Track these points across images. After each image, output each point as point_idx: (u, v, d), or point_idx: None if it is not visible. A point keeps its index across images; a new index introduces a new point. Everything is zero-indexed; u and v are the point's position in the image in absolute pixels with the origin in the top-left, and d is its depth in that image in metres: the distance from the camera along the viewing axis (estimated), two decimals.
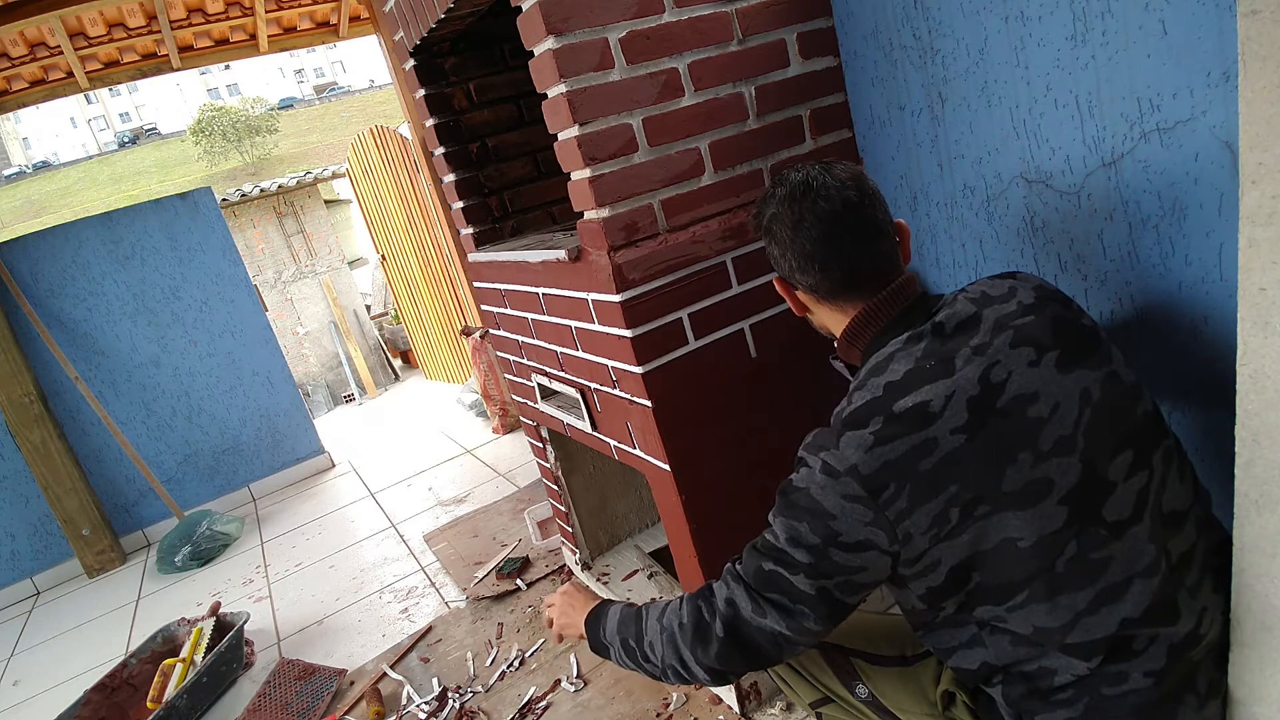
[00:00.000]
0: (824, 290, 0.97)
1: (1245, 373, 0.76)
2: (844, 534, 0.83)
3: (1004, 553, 0.82)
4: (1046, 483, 0.81)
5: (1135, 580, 0.82)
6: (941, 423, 0.82)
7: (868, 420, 0.84)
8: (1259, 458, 0.77)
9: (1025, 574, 0.82)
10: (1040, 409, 0.82)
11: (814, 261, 0.94)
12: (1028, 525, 0.81)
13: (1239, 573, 0.83)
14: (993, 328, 0.86)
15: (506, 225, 2.04)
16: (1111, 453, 0.83)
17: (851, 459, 0.83)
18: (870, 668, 1.06)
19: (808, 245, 0.94)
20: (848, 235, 0.93)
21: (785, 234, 0.95)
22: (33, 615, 3.27)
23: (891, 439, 0.82)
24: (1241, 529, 0.81)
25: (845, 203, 0.92)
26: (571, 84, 1.25)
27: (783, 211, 0.95)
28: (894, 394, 0.85)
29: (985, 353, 0.85)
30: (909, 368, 0.86)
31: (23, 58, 3.59)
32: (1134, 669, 0.82)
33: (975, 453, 0.81)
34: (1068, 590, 0.82)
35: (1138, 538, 0.83)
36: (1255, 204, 0.71)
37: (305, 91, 55.37)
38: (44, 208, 37.95)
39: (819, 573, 0.85)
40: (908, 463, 0.81)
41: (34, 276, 3.47)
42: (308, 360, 7.23)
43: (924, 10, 1.28)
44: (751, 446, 1.51)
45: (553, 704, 1.77)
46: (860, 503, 0.82)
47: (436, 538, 2.83)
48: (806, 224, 0.93)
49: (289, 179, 7.11)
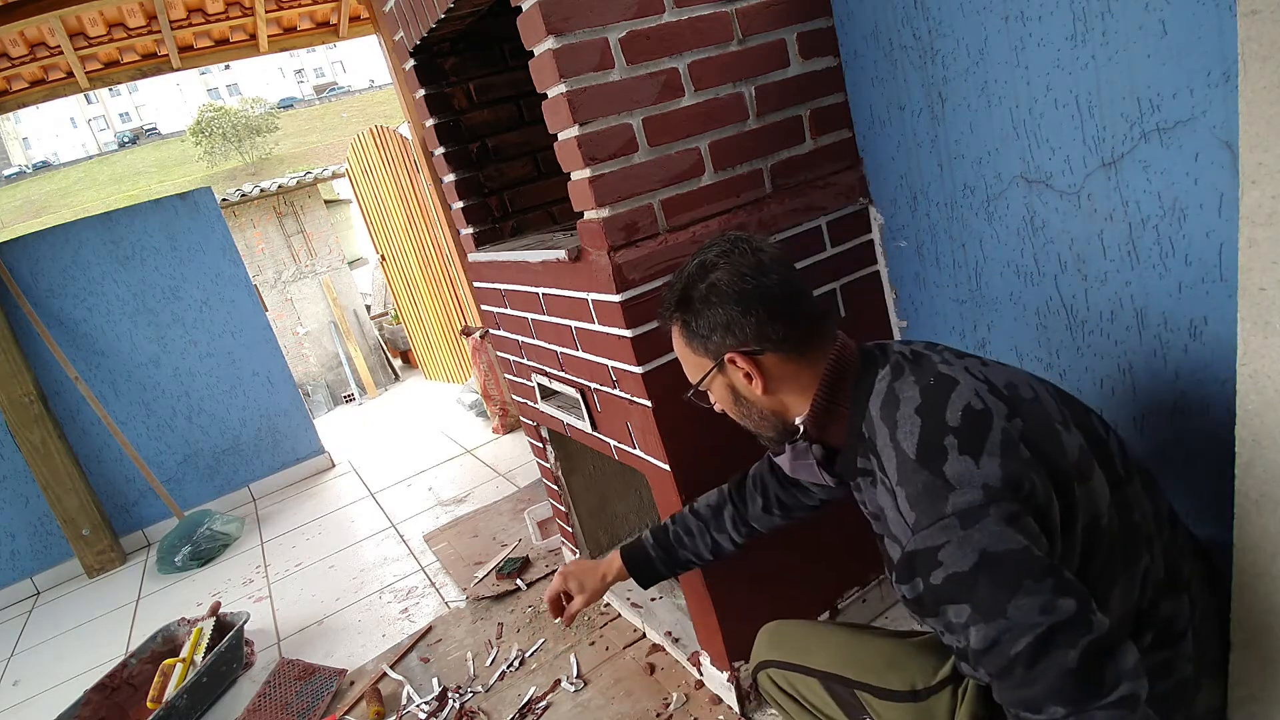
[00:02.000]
0: (796, 338, 0.89)
1: (1245, 373, 0.76)
2: (1040, 550, 0.71)
3: (1096, 535, 0.76)
4: (1086, 452, 0.80)
5: (1154, 540, 0.82)
6: (996, 416, 0.78)
7: (942, 443, 0.76)
8: (1259, 458, 0.77)
9: (1118, 552, 0.78)
10: (1026, 391, 0.84)
11: (786, 305, 0.88)
12: (1095, 496, 0.77)
13: (1239, 572, 0.83)
14: (938, 353, 0.89)
15: (506, 225, 2.04)
16: (1083, 417, 0.85)
17: (976, 481, 0.73)
18: (878, 702, 0.95)
19: (775, 290, 0.88)
20: (798, 281, 0.92)
21: (746, 286, 0.88)
22: (33, 615, 3.27)
23: (980, 445, 0.75)
24: (1241, 529, 0.81)
25: (779, 254, 0.92)
26: (571, 84, 1.25)
27: (733, 270, 0.89)
28: (932, 412, 0.79)
29: (954, 365, 0.85)
30: (919, 389, 0.82)
31: (23, 58, 3.59)
32: (1179, 655, 0.81)
33: (1033, 432, 0.78)
34: (1138, 558, 0.80)
35: (1138, 495, 0.84)
36: (1255, 204, 0.71)
37: (305, 91, 55.38)
38: (44, 208, 37.96)
39: (1072, 589, 0.70)
40: (1013, 458, 0.74)
41: (34, 276, 3.47)
42: (308, 360, 7.23)
43: (924, 10, 1.28)
44: (751, 446, 1.51)
45: (553, 704, 1.77)
46: (1024, 513, 0.72)
47: (436, 538, 2.83)
48: (766, 268, 0.88)
49: (289, 179, 7.11)
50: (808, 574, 1.61)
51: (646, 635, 1.92)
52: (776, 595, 1.57)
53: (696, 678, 1.71)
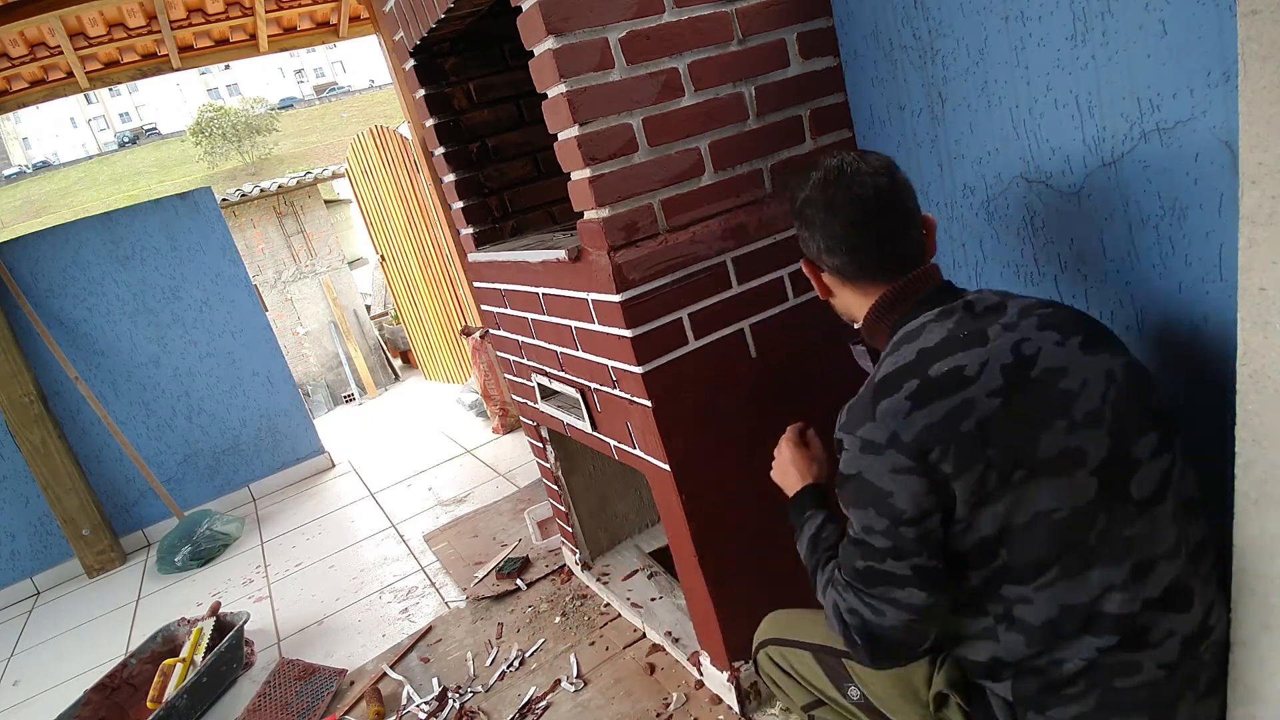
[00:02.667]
0: (850, 272, 0.99)
1: (1245, 373, 0.76)
2: (907, 510, 0.82)
3: (1037, 527, 0.81)
4: (1080, 452, 0.82)
5: (1160, 562, 0.83)
6: (977, 386, 0.83)
7: (900, 385, 0.85)
8: (1259, 458, 0.77)
9: (1060, 547, 0.81)
10: (1070, 382, 0.84)
11: (843, 244, 0.97)
12: (1062, 495, 0.81)
13: (1239, 572, 0.83)
14: (1019, 312, 0.89)
15: (506, 225, 2.04)
16: (1137, 431, 0.84)
17: (891, 427, 0.83)
18: (862, 669, 1.05)
19: (838, 228, 0.97)
20: (878, 220, 0.96)
21: (818, 217, 0.98)
22: (33, 615, 3.27)
23: (928, 402, 0.82)
24: (1241, 529, 0.81)
25: (877, 189, 0.95)
26: (571, 84, 1.25)
27: (816, 195, 0.98)
28: (928, 359, 0.86)
29: (1015, 329, 0.87)
30: (943, 336, 0.88)
31: (23, 58, 3.59)
32: (1148, 660, 0.82)
33: (1011, 416, 0.82)
34: (1100, 564, 0.82)
35: (1161, 518, 0.83)
36: (1255, 204, 0.71)
37: (305, 91, 55.36)
38: (44, 208, 37.95)
39: (902, 553, 0.83)
40: (948, 425, 0.81)
41: (34, 276, 3.47)
42: (308, 360, 7.22)
43: (924, 10, 1.28)
44: (751, 446, 1.51)
45: (553, 704, 1.77)
46: (911, 473, 0.81)
47: (436, 538, 2.83)
48: (838, 207, 0.96)
49: (289, 179, 7.10)
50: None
51: (646, 635, 1.92)
52: (776, 595, 1.56)
53: (696, 678, 1.71)
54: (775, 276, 1.48)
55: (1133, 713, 0.83)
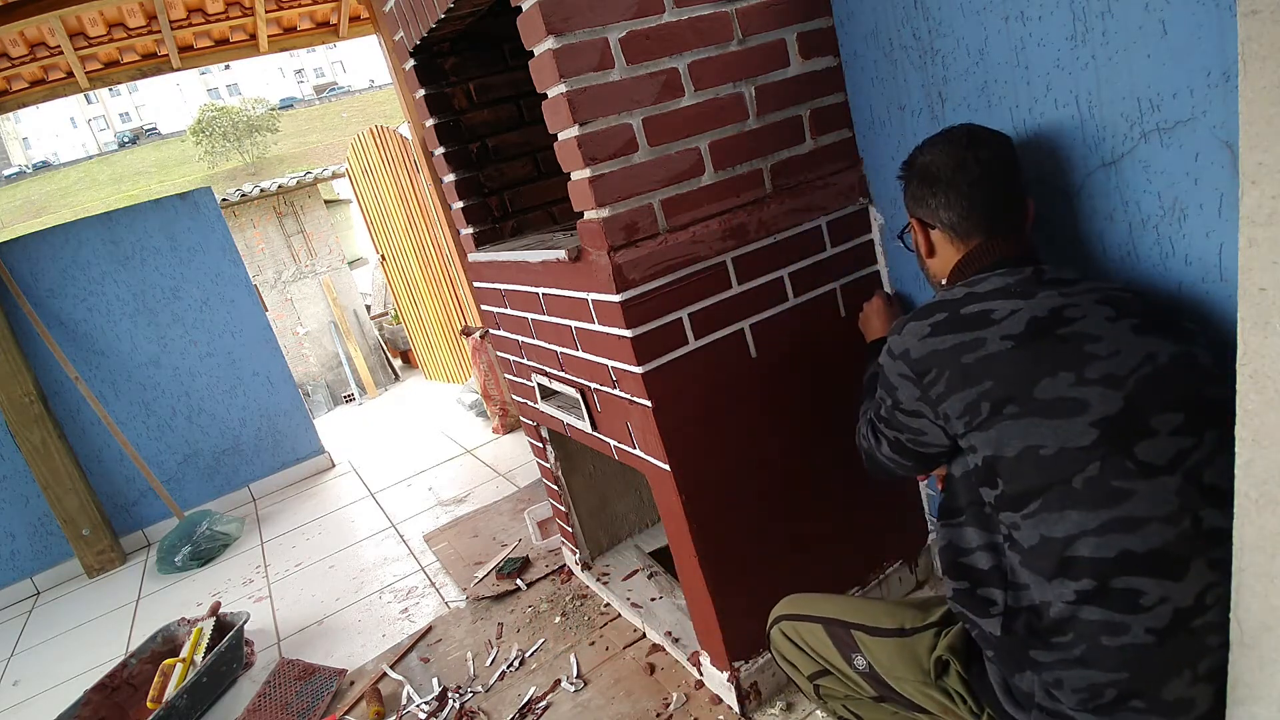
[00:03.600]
0: (963, 229, 1.07)
1: (1245, 373, 0.76)
2: (903, 403, 1.01)
3: (1026, 459, 0.88)
4: (1081, 403, 0.87)
5: (1154, 523, 0.84)
6: (996, 329, 0.92)
7: (932, 313, 0.98)
8: (1259, 458, 0.77)
9: (1043, 482, 0.88)
10: (1098, 349, 0.89)
11: (966, 200, 1.06)
12: (1052, 435, 0.87)
13: (1239, 572, 0.83)
14: (1085, 289, 0.95)
15: (506, 225, 2.04)
16: (1161, 406, 0.87)
17: (905, 344, 0.99)
18: (869, 639, 1.10)
19: (965, 185, 1.05)
20: (999, 185, 1.06)
21: (945, 173, 1.06)
22: (33, 615, 3.27)
23: (945, 333, 0.95)
24: (1242, 529, 0.81)
25: (993, 155, 1.05)
26: (571, 84, 1.25)
27: (945, 153, 1.07)
28: (968, 301, 0.97)
29: (1069, 297, 0.93)
30: (995, 286, 0.97)
31: (23, 58, 3.59)
32: (1137, 623, 0.84)
33: (1016, 359, 0.90)
34: (1079, 507, 0.86)
35: (1165, 487, 0.85)
36: (1255, 204, 0.71)
37: (305, 91, 55.36)
38: (44, 208, 37.94)
39: (891, 425, 1.06)
40: (951, 355, 0.94)
41: (34, 276, 3.47)
42: (308, 360, 7.23)
43: (924, 10, 1.28)
44: (751, 446, 1.51)
45: (553, 704, 1.77)
46: (910, 381, 0.98)
47: (436, 538, 2.83)
48: (968, 166, 1.05)
49: (289, 179, 7.11)
50: (809, 573, 1.61)
51: (646, 635, 1.92)
52: (777, 595, 1.56)
53: (696, 678, 1.71)
54: (775, 276, 1.48)
55: (1112, 670, 0.85)
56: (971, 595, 0.96)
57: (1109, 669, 0.85)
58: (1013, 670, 0.93)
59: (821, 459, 1.60)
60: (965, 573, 0.98)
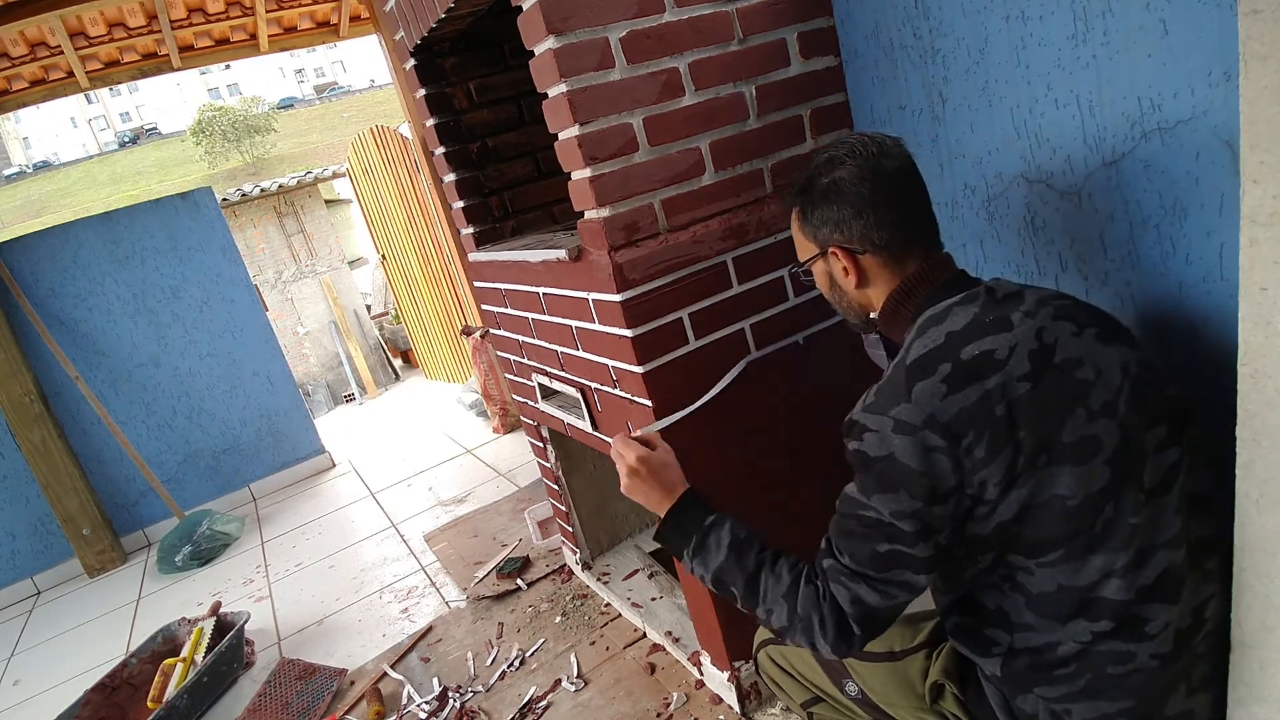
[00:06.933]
0: (895, 247, 0.96)
1: (1245, 373, 0.76)
2: (939, 486, 0.82)
3: (1050, 510, 0.82)
4: (1096, 441, 0.82)
5: (1160, 550, 0.83)
6: (1007, 370, 0.82)
7: (934, 368, 0.84)
8: (1259, 458, 0.77)
9: (1067, 532, 0.82)
10: (1086, 372, 0.84)
11: (894, 212, 0.94)
12: (1077, 482, 0.81)
13: (1239, 572, 0.83)
14: (1036, 302, 0.89)
15: (507, 225, 2.04)
16: (1147, 424, 0.84)
17: (927, 409, 0.82)
18: (859, 664, 1.07)
19: (889, 198, 0.94)
20: (920, 195, 0.97)
21: (863, 190, 0.94)
22: (33, 615, 3.27)
23: (963, 385, 0.82)
24: (1242, 529, 0.81)
25: (906, 163, 0.96)
26: (572, 84, 1.25)
27: (857, 167, 0.94)
28: (958, 341, 0.85)
29: (1035, 317, 0.87)
30: (969, 320, 0.87)
31: (23, 58, 3.59)
32: (1143, 650, 0.83)
33: (1040, 401, 0.82)
34: (1103, 550, 0.82)
35: (1166, 508, 0.84)
36: (1256, 203, 0.71)
37: (305, 91, 55.36)
38: (44, 208, 37.94)
39: (930, 532, 0.83)
40: (982, 409, 0.81)
41: (34, 276, 3.47)
42: (308, 360, 7.23)
43: (924, 10, 1.28)
44: (751, 446, 1.51)
45: (553, 704, 1.77)
46: (943, 453, 0.81)
47: (437, 538, 2.83)
48: (883, 177, 0.94)
49: (289, 179, 7.11)
50: None
51: (647, 635, 1.92)
52: None
53: (697, 677, 1.71)
54: (775, 276, 1.48)
55: (1120, 699, 0.84)
56: (974, 634, 0.93)
57: (1117, 698, 0.84)
58: (1015, 692, 0.91)
59: (822, 459, 1.60)
60: (967, 609, 0.93)
